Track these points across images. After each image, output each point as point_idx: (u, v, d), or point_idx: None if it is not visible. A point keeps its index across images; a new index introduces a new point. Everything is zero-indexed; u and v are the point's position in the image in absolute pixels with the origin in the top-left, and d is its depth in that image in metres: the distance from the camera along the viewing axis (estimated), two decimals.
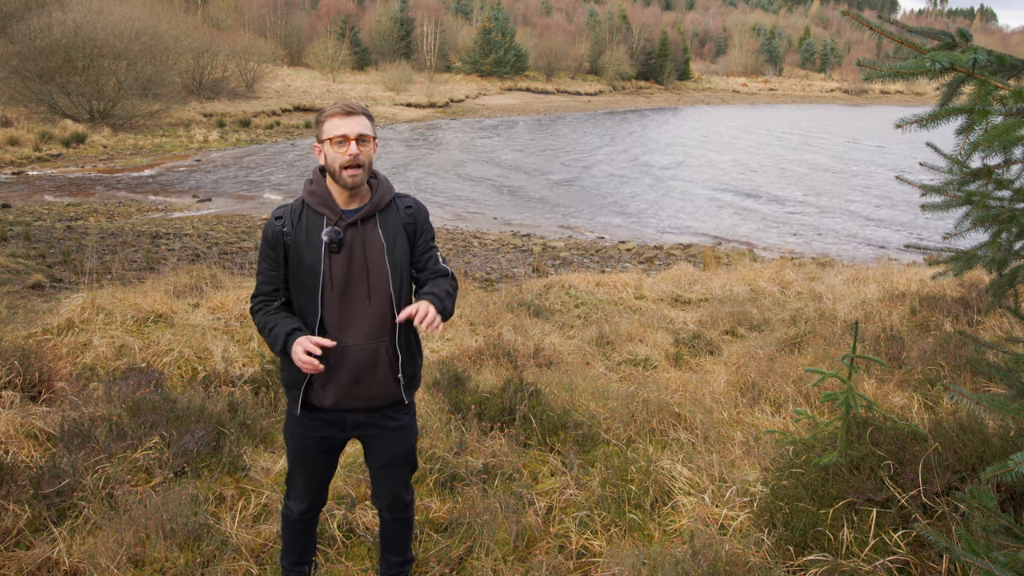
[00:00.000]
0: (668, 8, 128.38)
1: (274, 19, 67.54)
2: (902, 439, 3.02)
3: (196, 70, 41.21)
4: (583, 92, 68.27)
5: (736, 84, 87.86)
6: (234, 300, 6.82)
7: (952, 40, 2.17)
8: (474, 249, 16.02)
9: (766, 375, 5.00)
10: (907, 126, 2.15)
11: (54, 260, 12.33)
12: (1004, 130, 1.95)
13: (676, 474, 3.50)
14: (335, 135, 2.34)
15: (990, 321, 6.00)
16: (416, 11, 70.65)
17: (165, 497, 3.19)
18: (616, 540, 3.13)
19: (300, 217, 2.43)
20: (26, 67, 29.43)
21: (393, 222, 2.48)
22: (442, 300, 2.43)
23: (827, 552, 2.74)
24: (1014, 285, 2.50)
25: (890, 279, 9.58)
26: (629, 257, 15.68)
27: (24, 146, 26.26)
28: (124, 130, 31.57)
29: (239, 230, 16.69)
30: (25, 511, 3.13)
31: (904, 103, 76.21)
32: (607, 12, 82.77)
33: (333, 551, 3.15)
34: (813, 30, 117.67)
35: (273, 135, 35.33)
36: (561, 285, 10.38)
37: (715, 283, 10.87)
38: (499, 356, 5.81)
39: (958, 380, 4.50)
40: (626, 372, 6.16)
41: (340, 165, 2.34)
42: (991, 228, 2.34)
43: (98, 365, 5.14)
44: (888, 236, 18.39)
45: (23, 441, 3.75)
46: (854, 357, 2.97)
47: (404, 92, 52.84)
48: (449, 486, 3.64)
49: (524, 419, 4.23)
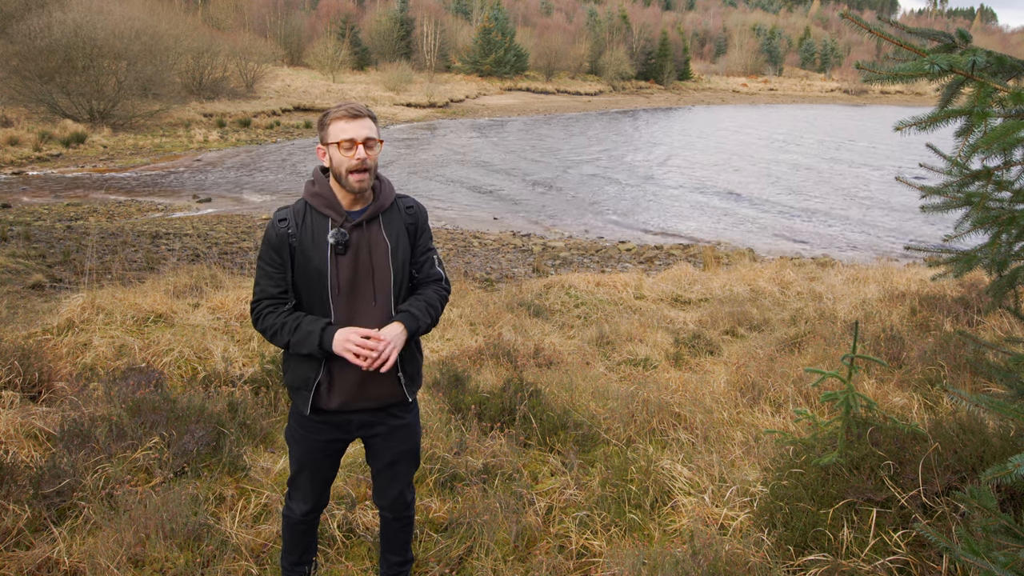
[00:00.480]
0: (668, 8, 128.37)
1: (274, 19, 67.55)
2: (902, 439, 3.03)
3: (196, 70, 41.22)
4: (583, 92, 68.26)
5: (736, 84, 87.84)
6: (234, 300, 6.82)
7: (951, 41, 2.17)
8: (474, 249, 16.02)
9: (766, 375, 5.01)
10: (906, 128, 2.15)
11: (54, 260, 12.33)
12: (1003, 132, 1.95)
13: (676, 474, 3.50)
14: (342, 139, 2.31)
15: (990, 321, 6.00)
16: (416, 11, 70.66)
17: (165, 497, 3.19)
18: (616, 540, 3.13)
19: (304, 219, 2.41)
20: (26, 67, 29.45)
21: (396, 223, 2.48)
22: (417, 318, 2.44)
23: (827, 552, 2.75)
24: (1014, 286, 2.50)
25: (890, 279, 9.59)
26: (629, 257, 15.68)
27: (24, 146, 26.27)
28: (124, 130, 31.58)
29: (239, 230, 16.69)
30: (25, 511, 3.13)
31: (904, 103, 76.21)
32: (607, 12, 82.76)
33: (333, 551, 3.15)
34: (813, 30, 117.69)
35: (273, 135, 35.32)
36: (561, 285, 10.39)
37: (715, 283, 10.87)
38: (499, 356, 5.81)
39: (958, 380, 4.50)
40: (626, 372, 6.17)
41: (347, 169, 2.32)
42: (991, 229, 2.34)
43: (98, 365, 5.15)
44: (875, 242, 18.31)
45: (23, 441, 3.75)
46: (854, 357, 2.98)
47: (404, 92, 52.84)
48: (449, 486, 3.64)
49: (524, 419, 4.23)
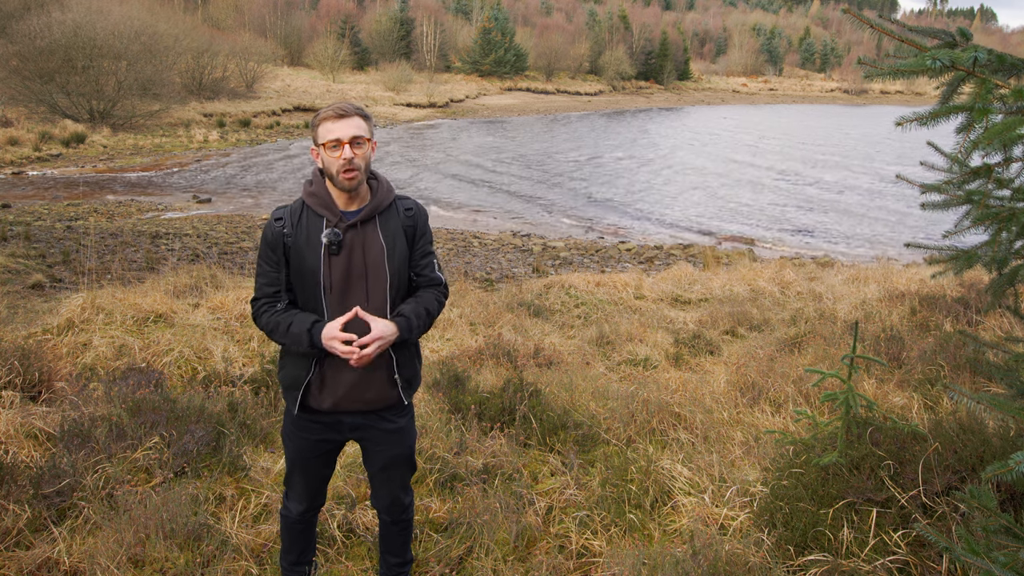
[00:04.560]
0: (668, 8, 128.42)
1: (274, 19, 67.54)
2: (902, 439, 3.02)
3: (196, 70, 41.22)
4: (583, 92, 68.27)
5: (736, 84, 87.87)
6: (234, 300, 6.82)
7: (952, 39, 2.17)
8: (474, 249, 16.01)
9: (766, 375, 5.00)
10: (907, 124, 2.14)
11: (54, 260, 12.33)
12: (1004, 128, 1.95)
13: (676, 474, 3.50)
14: (328, 139, 2.32)
15: (990, 321, 5.99)
16: (416, 11, 70.65)
17: (165, 497, 3.18)
18: (616, 540, 3.12)
19: (300, 218, 2.41)
20: (26, 67, 29.46)
21: (393, 224, 2.46)
22: (410, 321, 2.43)
23: (827, 552, 2.74)
24: (1014, 284, 2.50)
25: (890, 279, 9.58)
26: (629, 257, 15.67)
27: (24, 146, 26.26)
28: (124, 130, 31.58)
29: (239, 230, 16.69)
30: (25, 511, 3.12)
31: (904, 103, 76.21)
32: (607, 12, 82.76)
33: (333, 551, 3.15)
34: (813, 30, 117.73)
35: (273, 135, 35.33)
36: (561, 285, 10.38)
37: (715, 283, 10.87)
38: (499, 356, 5.80)
39: (958, 380, 4.50)
40: (626, 372, 6.16)
41: (336, 169, 2.33)
42: (991, 227, 2.34)
43: (98, 365, 5.14)
44: (875, 241, 18.21)
45: (23, 441, 3.75)
46: (854, 357, 2.97)
47: (404, 92, 52.84)
48: (449, 486, 3.64)
49: (524, 419, 4.22)
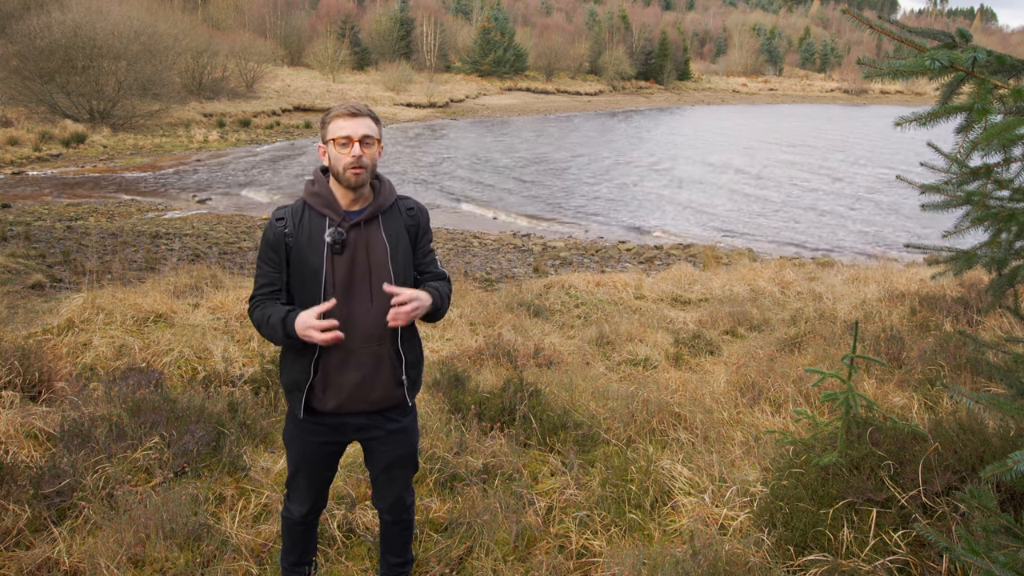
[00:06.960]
0: (668, 8, 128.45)
1: (274, 19, 67.53)
2: (902, 439, 3.02)
3: (196, 70, 41.21)
4: (583, 92, 68.26)
5: (736, 84, 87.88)
6: (234, 300, 6.82)
7: (952, 40, 2.17)
8: (474, 249, 16.01)
9: (766, 375, 5.00)
10: (906, 124, 2.14)
11: (54, 260, 12.32)
12: (1003, 128, 1.95)
13: (676, 474, 3.50)
14: (339, 136, 2.32)
15: (990, 321, 5.99)
16: (416, 11, 70.66)
17: (165, 497, 3.19)
18: (616, 540, 3.12)
19: (302, 218, 2.41)
20: (26, 67, 29.44)
21: (396, 224, 2.47)
22: (438, 300, 2.47)
23: (827, 552, 2.74)
24: (1014, 284, 2.49)
25: (890, 279, 9.59)
26: (629, 257, 15.68)
27: (24, 146, 26.25)
28: (124, 130, 31.57)
29: (239, 230, 16.69)
30: (25, 511, 3.12)
31: (903, 103, 76.22)
32: (607, 12, 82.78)
33: (333, 551, 3.15)
34: (813, 30, 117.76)
35: (273, 135, 35.33)
36: (561, 285, 10.39)
37: (715, 283, 10.87)
38: (499, 356, 5.80)
39: (958, 380, 4.50)
40: (626, 372, 6.16)
41: (343, 166, 2.33)
42: (991, 228, 2.34)
43: (98, 365, 5.14)
44: (875, 242, 18.18)
45: (23, 441, 3.75)
46: (854, 357, 2.97)
47: (404, 92, 52.84)
48: (449, 486, 3.64)
49: (524, 419, 4.22)
